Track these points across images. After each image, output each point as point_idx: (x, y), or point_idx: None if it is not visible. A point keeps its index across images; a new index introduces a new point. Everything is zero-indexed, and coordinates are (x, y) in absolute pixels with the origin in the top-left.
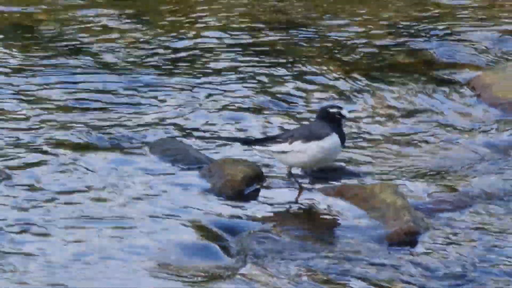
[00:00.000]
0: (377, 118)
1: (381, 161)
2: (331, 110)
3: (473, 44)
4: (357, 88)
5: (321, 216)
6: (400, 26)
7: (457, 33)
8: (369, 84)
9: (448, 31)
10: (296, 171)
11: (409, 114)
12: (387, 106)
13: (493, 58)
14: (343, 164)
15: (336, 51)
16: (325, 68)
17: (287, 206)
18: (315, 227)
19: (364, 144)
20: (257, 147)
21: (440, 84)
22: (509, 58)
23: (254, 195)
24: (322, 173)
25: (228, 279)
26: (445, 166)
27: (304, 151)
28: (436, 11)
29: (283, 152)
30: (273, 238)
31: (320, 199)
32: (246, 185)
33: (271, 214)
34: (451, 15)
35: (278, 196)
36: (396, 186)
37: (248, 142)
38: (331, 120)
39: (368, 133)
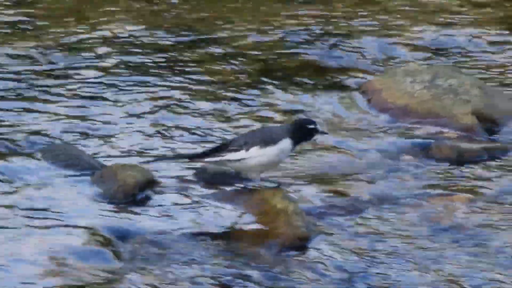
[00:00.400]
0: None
1: None
2: (310, 127)
3: (364, 50)
4: (248, 93)
5: (213, 221)
6: (292, 32)
7: (348, 39)
8: (260, 89)
9: (340, 37)
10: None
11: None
12: (277, 111)
13: (383, 63)
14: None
15: (227, 57)
16: (217, 74)
17: (179, 210)
18: (207, 232)
19: None
20: (208, 159)
21: (331, 89)
22: (399, 64)
23: (146, 200)
24: (214, 178)
25: (117, 283)
26: (336, 171)
27: (262, 156)
28: (328, 17)
29: (240, 159)
30: (164, 242)
31: (212, 204)
32: (138, 190)
33: (163, 219)
34: (343, 20)
35: (170, 201)
36: (288, 191)
37: (195, 156)
38: (304, 136)
39: None
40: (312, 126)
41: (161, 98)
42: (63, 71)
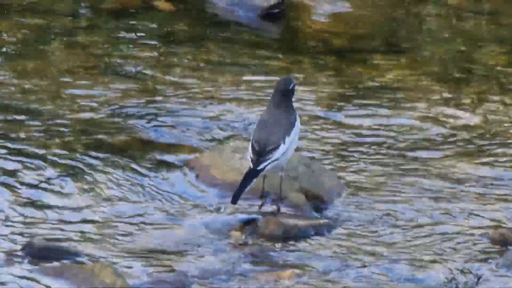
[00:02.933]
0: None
1: (101, 241)
2: (291, 87)
3: (191, 126)
4: (73, 168)
5: None
6: (118, 107)
7: (176, 114)
8: (86, 164)
9: (167, 112)
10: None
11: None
12: (102, 189)
13: (211, 139)
14: (64, 243)
15: (52, 128)
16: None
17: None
18: None
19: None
20: (263, 166)
21: (158, 165)
22: (226, 140)
23: None
24: (42, 252)
25: None
26: (164, 247)
27: (293, 142)
28: (153, 91)
29: (283, 154)
30: None
31: (40, 279)
32: None
33: None
34: (170, 95)
35: None
36: (115, 266)
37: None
38: (289, 97)
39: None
40: (292, 86)
41: None
42: None
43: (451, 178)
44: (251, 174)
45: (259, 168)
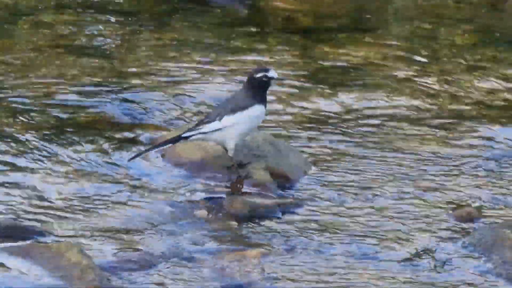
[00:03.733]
0: (56, 181)
1: (67, 220)
2: (257, 76)
3: (156, 104)
4: (38, 147)
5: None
6: (84, 85)
7: (141, 93)
8: (51, 142)
9: (132, 92)
10: None
11: (82, 178)
12: (68, 168)
13: (177, 117)
14: (30, 223)
15: (17, 106)
16: (8, 129)
17: None
18: None
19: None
20: (189, 134)
21: (124, 143)
22: (193, 118)
23: None
24: (6, 231)
25: None
26: (130, 226)
27: (236, 124)
28: (120, 71)
29: (215, 130)
30: None
31: (5, 259)
32: None
33: None
34: (135, 74)
35: None
36: (81, 245)
37: (179, 138)
38: (259, 86)
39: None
40: (259, 75)
41: None
42: None
43: (417, 157)
44: (173, 138)
45: (183, 135)
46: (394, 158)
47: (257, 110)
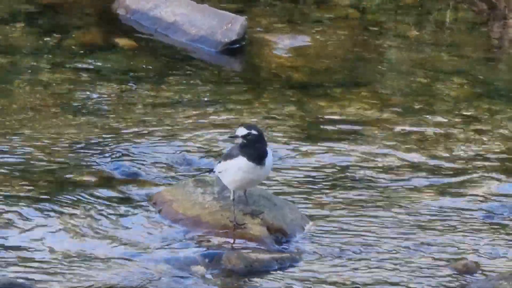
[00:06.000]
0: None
1: (63, 276)
2: (241, 134)
3: (153, 161)
4: (36, 206)
5: None
6: (80, 144)
7: (135, 152)
8: (48, 201)
9: (129, 147)
10: None
11: (79, 235)
12: (65, 225)
13: (174, 174)
14: (26, 280)
15: (14, 166)
16: (3, 188)
17: None
18: None
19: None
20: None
21: (120, 201)
22: (189, 175)
23: None
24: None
25: None
26: (126, 282)
27: (225, 171)
28: (115, 127)
29: (220, 172)
30: None
31: None
32: None
33: None
34: (131, 130)
35: None
36: None
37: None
38: (248, 142)
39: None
40: (244, 133)
41: None
42: None
43: (413, 210)
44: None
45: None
46: (391, 211)
47: (240, 162)
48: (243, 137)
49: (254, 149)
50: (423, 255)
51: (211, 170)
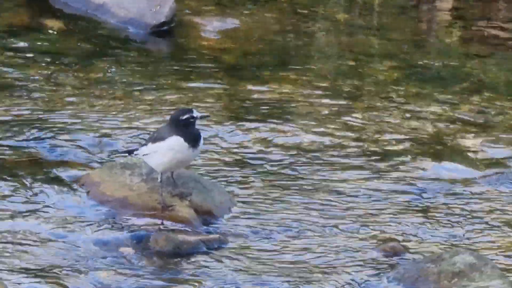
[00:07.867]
0: None
1: None
2: (184, 117)
3: (82, 143)
4: None
5: None
6: (9, 124)
7: (63, 133)
8: None
9: (54, 130)
10: None
11: (7, 216)
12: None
13: (101, 156)
14: None
15: None
16: None
17: None
18: None
19: None
20: (136, 153)
21: (49, 182)
22: (119, 157)
23: None
24: None
25: None
26: (55, 263)
27: (154, 153)
28: (46, 109)
29: (144, 155)
30: None
31: None
32: None
33: None
34: (62, 115)
35: None
36: (5, 283)
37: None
38: (183, 125)
39: None
40: (186, 116)
41: None
42: None
43: (340, 192)
44: (127, 150)
45: (132, 151)
46: (318, 193)
47: (173, 142)
48: (186, 119)
49: (192, 131)
50: (350, 237)
51: (131, 152)
